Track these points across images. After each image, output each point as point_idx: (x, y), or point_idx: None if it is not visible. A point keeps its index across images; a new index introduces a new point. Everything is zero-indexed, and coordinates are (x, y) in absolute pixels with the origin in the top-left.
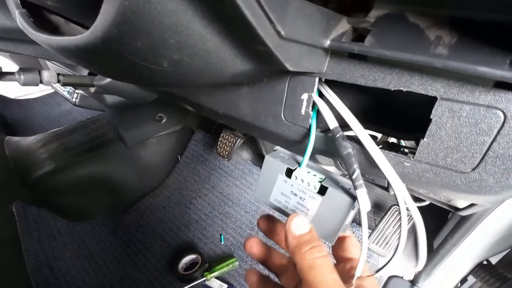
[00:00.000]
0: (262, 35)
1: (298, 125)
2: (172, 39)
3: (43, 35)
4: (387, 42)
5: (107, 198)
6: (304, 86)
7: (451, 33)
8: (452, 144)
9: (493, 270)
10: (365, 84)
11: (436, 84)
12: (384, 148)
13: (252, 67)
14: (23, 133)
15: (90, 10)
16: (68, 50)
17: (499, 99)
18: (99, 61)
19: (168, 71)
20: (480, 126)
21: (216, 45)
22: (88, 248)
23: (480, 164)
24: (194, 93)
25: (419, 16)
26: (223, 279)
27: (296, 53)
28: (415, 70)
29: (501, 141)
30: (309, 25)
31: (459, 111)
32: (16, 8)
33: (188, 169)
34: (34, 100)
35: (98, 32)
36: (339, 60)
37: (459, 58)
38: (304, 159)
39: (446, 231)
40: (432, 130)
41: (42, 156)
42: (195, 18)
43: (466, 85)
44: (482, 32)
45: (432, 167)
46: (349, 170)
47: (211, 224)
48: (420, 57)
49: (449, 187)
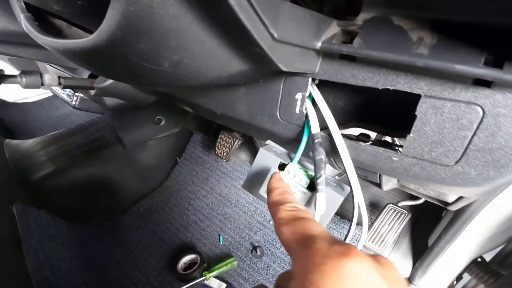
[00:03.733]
0: (256, 38)
1: (293, 123)
2: (173, 41)
3: (48, 38)
4: (374, 44)
5: (106, 199)
6: (298, 86)
7: (432, 34)
8: (436, 139)
9: (487, 267)
10: (355, 84)
11: (420, 83)
12: (375, 145)
13: (248, 67)
14: (22, 137)
15: (95, 14)
16: (73, 52)
17: (478, 96)
18: (103, 63)
19: (169, 71)
20: (461, 121)
21: (214, 47)
22: (87, 249)
23: (463, 158)
24: (193, 94)
25: (403, 19)
26: (222, 279)
27: (289, 54)
28: (400, 70)
29: (481, 135)
30: (301, 28)
31: (441, 107)
32: (21, 12)
33: (186, 170)
34: (33, 103)
35: (104, 35)
36: (330, 61)
37: (439, 57)
38: (296, 155)
39: (440, 229)
40: (417, 126)
41: (42, 159)
42: (194, 22)
43: (448, 83)
44: (460, 33)
45: (418, 161)
46: (317, 173)
47: (209, 225)
48: (403, 57)
49: (435, 180)
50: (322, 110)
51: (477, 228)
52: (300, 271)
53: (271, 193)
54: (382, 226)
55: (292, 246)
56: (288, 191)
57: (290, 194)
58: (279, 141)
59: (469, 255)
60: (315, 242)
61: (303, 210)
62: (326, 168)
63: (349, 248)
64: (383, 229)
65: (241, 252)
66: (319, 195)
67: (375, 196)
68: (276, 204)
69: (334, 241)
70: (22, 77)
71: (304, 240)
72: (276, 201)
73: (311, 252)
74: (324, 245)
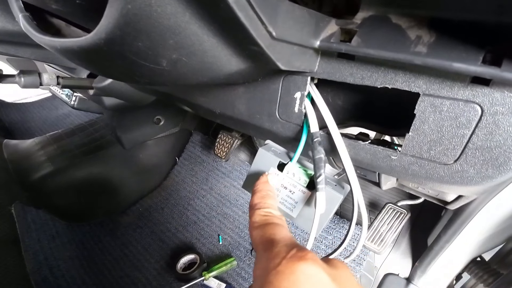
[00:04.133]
0: (254, 36)
1: (292, 122)
2: (171, 40)
3: (46, 38)
4: (372, 42)
5: (106, 199)
6: (297, 85)
7: (430, 32)
8: (435, 137)
9: (486, 266)
10: (354, 82)
11: (419, 81)
12: (374, 144)
13: (247, 66)
14: (21, 137)
15: (93, 13)
16: (72, 51)
17: (476, 94)
18: (102, 62)
19: (167, 70)
20: (459, 119)
21: (212, 45)
22: (86, 249)
23: (461, 156)
24: (192, 94)
25: (401, 17)
26: (222, 279)
27: (288, 52)
28: (399, 68)
29: (480, 134)
30: (299, 26)
31: (440, 106)
32: (19, 12)
33: (186, 170)
34: (32, 103)
35: (102, 34)
36: (329, 60)
37: (437, 55)
38: (295, 154)
39: (439, 228)
40: (416, 124)
41: (41, 159)
42: (192, 20)
43: (446, 81)
44: (458, 31)
45: (417, 159)
46: (316, 172)
47: (209, 225)
48: (401, 55)
49: (434, 179)
50: (321, 109)
51: (477, 228)
52: (261, 272)
53: (253, 196)
54: (382, 225)
55: (257, 248)
56: (270, 195)
57: (271, 198)
58: (278, 140)
59: (469, 255)
60: (277, 246)
61: (276, 216)
62: (325, 167)
63: (306, 253)
64: (383, 229)
65: (241, 252)
66: (319, 194)
67: (374, 196)
68: (254, 207)
69: (294, 246)
70: (20, 77)
71: (268, 243)
72: (254, 204)
73: (272, 255)
74: (284, 249)
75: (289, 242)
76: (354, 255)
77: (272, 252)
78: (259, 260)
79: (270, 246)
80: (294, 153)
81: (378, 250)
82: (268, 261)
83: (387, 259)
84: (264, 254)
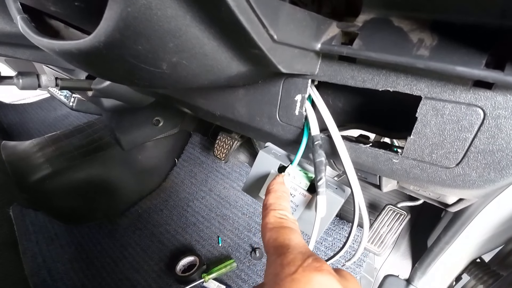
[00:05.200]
0: (256, 39)
1: (292, 125)
2: (171, 43)
3: (45, 40)
4: (374, 45)
5: (104, 201)
6: (298, 87)
7: (432, 35)
8: (436, 141)
9: (486, 268)
10: (355, 85)
11: (420, 84)
12: (375, 146)
13: (247, 69)
14: (19, 138)
15: (92, 15)
16: (70, 53)
17: (479, 97)
18: (101, 64)
19: (167, 73)
20: (462, 123)
21: (213, 48)
22: (85, 251)
23: (463, 159)
24: (192, 96)
25: (403, 20)
26: (221, 281)
27: (289, 55)
28: (400, 71)
29: (482, 137)
30: (300, 30)
31: (442, 109)
32: (17, 13)
33: (185, 172)
34: (30, 104)
35: (101, 37)
36: (330, 63)
37: (439, 59)
38: (296, 157)
39: (439, 230)
40: (417, 128)
41: (39, 160)
42: (193, 23)
43: (448, 85)
44: (460, 34)
45: (419, 163)
46: (317, 176)
47: (208, 226)
48: (403, 58)
49: (435, 182)
50: (322, 112)
51: (476, 229)
52: (273, 277)
53: (268, 195)
54: (382, 227)
55: (270, 251)
56: (285, 197)
57: (286, 200)
58: (279, 143)
59: (468, 256)
60: (292, 253)
61: (291, 220)
62: (326, 170)
63: (322, 264)
64: (383, 230)
65: (240, 253)
66: (319, 197)
67: (374, 197)
68: (269, 207)
69: (309, 254)
70: (19, 78)
71: (282, 248)
72: (269, 204)
73: (286, 261)
74: (299, 257)
75: (304, 250)
76: (355, 257)
77: (287, 258)
78: (272, 265)
79: (285, 252)
80: (294, 156)
81: (378, 251)
82: (282, 267)
83: (387, 260)
84: (278, 259)
